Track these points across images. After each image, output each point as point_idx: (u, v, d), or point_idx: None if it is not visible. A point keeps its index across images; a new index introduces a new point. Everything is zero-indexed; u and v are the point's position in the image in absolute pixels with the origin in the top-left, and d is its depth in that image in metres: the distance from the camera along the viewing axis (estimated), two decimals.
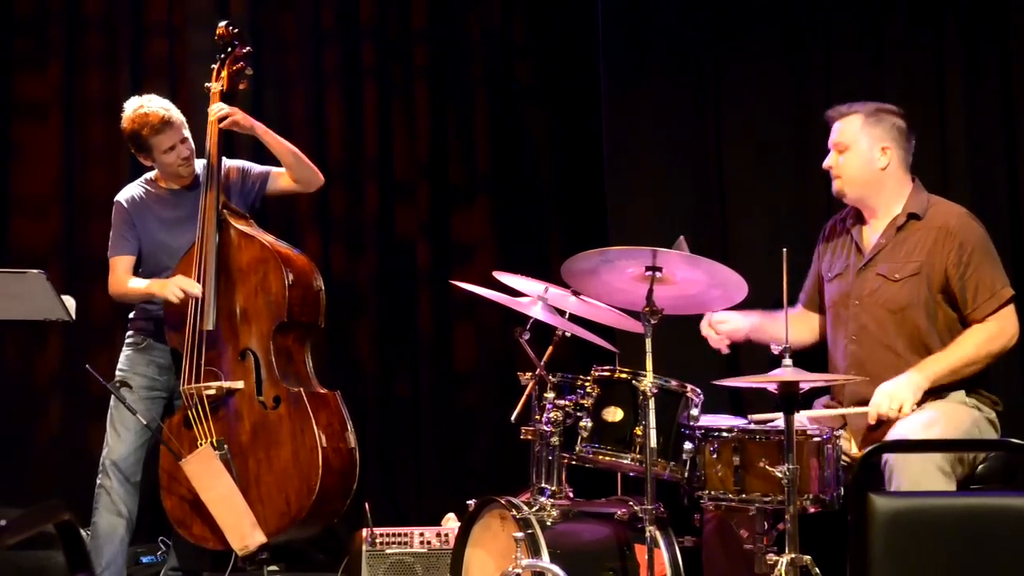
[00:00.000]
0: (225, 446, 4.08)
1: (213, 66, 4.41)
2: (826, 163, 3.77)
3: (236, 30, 4.43)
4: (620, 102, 4.81)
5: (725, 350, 3.85)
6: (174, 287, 4.18)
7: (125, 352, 4.38)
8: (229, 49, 4.39)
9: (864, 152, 3.69)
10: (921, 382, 3.47)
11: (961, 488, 3.39)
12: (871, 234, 3.74)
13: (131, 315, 4.43)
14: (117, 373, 4.33)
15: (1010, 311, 3.59)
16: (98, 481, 4.28)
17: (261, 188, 4.47)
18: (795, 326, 3.69)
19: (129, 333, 4.41)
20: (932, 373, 3.49)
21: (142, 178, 4.47)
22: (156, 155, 4.31)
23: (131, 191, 4.42)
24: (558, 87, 5.46)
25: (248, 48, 4.42)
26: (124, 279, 4.34)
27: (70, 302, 4.18)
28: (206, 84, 4.41)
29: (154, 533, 4.87)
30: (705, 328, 3.80)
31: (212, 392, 4.14)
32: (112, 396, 4.28)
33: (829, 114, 3.80)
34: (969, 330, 3.57)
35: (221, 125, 4.30)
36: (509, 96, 5.49)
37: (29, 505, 1.73)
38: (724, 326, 3.78)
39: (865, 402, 3.56)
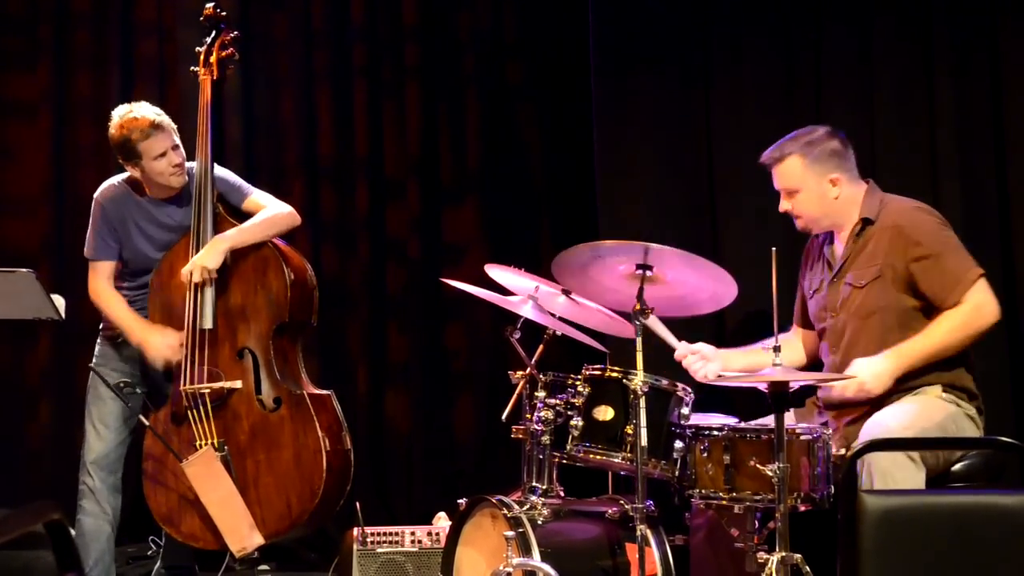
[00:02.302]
0: (226, 447, 4.06)
1: (199, 49, 4.34)
2: (782, 208, 3.78)
3: (223, 12, 4.34)
4: (610, 101, 4.81)
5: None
6: (160, 354, 4.14)
7: (100, 346, 4.32)
8: (215, 33, 4.31)
9: (814, 190, 3.70)
10: (893, 368, 3.48)
11: (936, 482, 3.41)
12: (839, 247, 3.76)
13: (104, 322, 4.40)
14: (91, 366, 4.31)
15: (982, 289, 3.56)
16: (80, 480, 4.25)
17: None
18: (787, 350, 3.68)
19: (104, 326, 4.36)
20: (905, 358, 3.50)
21: (125, 177, 4.31)
22: (146, 162, 4.15)
23: (112, 192, 4.29)
24: (549, 86, 5.46)
25: (236, 32, 4.36)
26: (106, 291, 4.27)
27: (60, 301, 4.17)
28: (192, 68, 4.35)
29: (145, 532, 4.85)
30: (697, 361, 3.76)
31: (211, 392, 4.10)
32: (88, 394, 4.27)
33: (763, 160, 3.79)
34: (943, 315, 3.55)
35: (195, 280, 4.12)
36: (500, 95, 5.49)
37: (19, 505, 1.72)
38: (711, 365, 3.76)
39: (846, 403, 3.58)
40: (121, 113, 4.23)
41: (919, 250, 3.57)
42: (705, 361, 3.75)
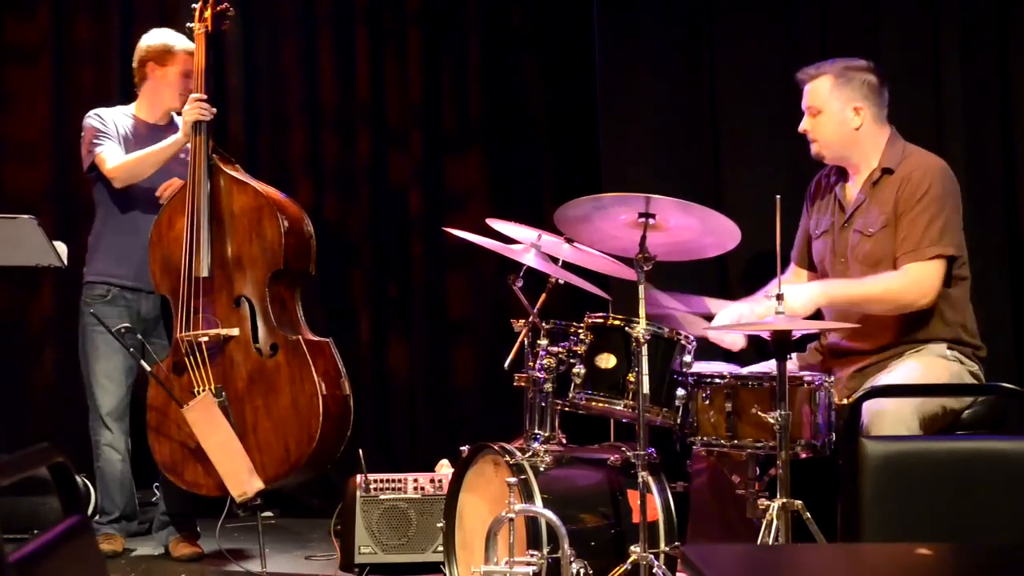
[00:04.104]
0: (223, 393, 4.09)
1: (195, 5, 4.35)
2: (801, 127, 3.74)
3: None
4: (614, 50, 4.78)
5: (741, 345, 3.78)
6: (194, 111, 4.19)
7: (92, 308, 4.35)
8: None
9: (836, 114, 3.66)
10: (816, 300, 3.47)
11: (945, 435, 3.41)
12: (852, 190, 3.73)
13: (87, 268, 4.42)
14: (92, 312, 4.34)
15: (930, 270, 3.49)
16: (95, 434, 4.37)
17: None
18: (790, 283, 3.68)
19: (91, 287, 4.40)
20: (830, 292, 3.48)
21: (118, 107, 4.48)
22: (169, 73, 4.37)
23: (107, 112, 4.43)
24: (552, 34, 5.42)
25: None
26: (127, 156, 4.30)
27: (62, 248, 4.18)
28: (188, 24, 4.37)
29: (149, 479, 4.88)
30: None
31: (207, 339, 4.13)
32: (87, 352, 4.36)
33: (799, 76, 3.76)
34: (886, 274, 3.52)
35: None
36: (503, 43, 5.46)
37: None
38: (725, 342, 3.75)
39: (849, 351, 3.59)
40: (162, 30, 4.48)
41: (911, 200, 3.53)
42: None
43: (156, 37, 4.45)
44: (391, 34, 5.44)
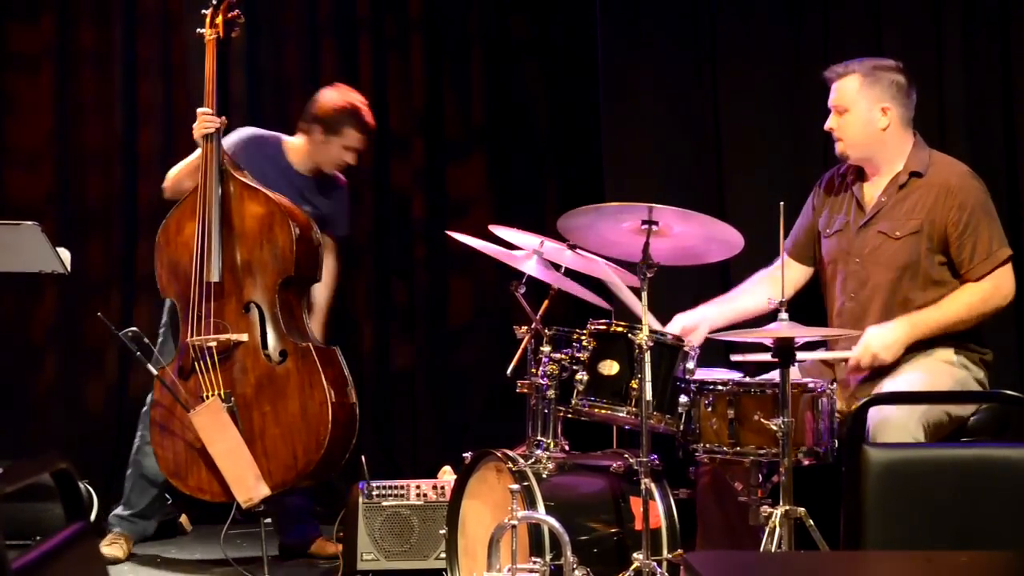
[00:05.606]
0: (232, 398, 4.09)
1: (205, 12, 4.35)
2: (827, 125, 3.74)
3: None
4: (616, 56, 4.78)
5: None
6: (200, 127, 4.20)
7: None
8: None
9: (863, 114, 3.66)
10: (905, 338, 3.49)
11: (949, 442, 3.41)
12: (873, 191, 3.72)
13: None
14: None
15: (1006, 271, 3.58)
16: (141, 429, 4.43)
17: None
18: (773, 278, 3.66)
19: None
20: (919, 328, 3.51)
21: (279, 134, 4.53)
22: (335, 140, 4.42)
23: (251, 136, 4.49)
24: (554, 41, 5.43)
25: None
26: (170, 172, 4.39)
27: (65, 254, 4.18)
28: (198, 30, 4.35)
29: None
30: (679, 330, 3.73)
31: (216, 344, 4.12)
32: (162, 352, 4.34)
33: (827, 74, 3.76)
34: (963, 287, 3.56)
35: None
36: (505, 50, 5.46)
37: (25, 457, 1.72)
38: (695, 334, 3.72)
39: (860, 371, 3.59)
40: (353, 94, 4.51)
41: (961, 215, 3.56)
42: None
43: (336, 101, 4.47)
44: (393, 41, 5.44)
